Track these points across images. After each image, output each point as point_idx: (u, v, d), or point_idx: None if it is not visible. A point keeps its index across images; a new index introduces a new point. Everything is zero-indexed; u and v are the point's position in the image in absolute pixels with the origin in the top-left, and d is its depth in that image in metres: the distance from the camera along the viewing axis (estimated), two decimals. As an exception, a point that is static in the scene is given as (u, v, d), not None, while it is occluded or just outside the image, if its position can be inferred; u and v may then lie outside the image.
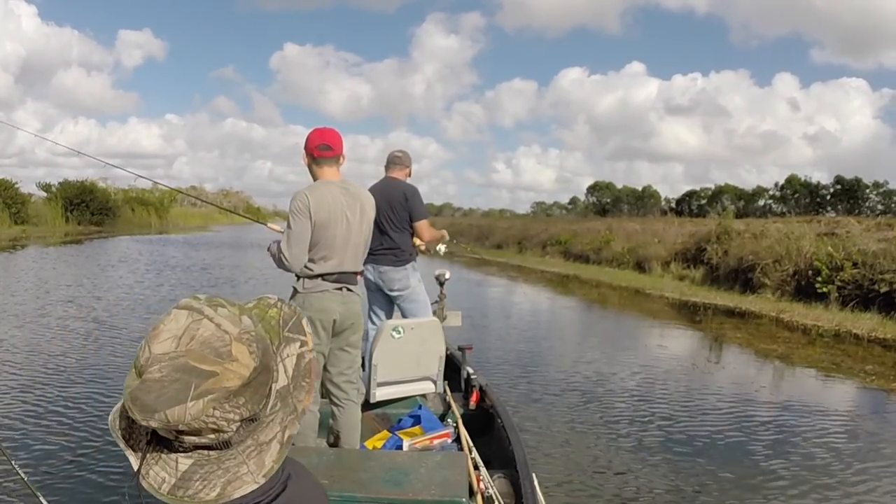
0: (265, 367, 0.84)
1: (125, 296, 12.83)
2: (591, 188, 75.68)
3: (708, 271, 18.14)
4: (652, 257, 20.11)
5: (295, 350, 0.91)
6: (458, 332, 5.80)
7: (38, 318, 9.94)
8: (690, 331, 12.10)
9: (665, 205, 67.67)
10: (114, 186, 51.80)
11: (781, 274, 15.41)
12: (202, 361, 0.79)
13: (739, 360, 9.49)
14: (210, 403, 0.79)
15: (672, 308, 14.58)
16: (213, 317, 0.82)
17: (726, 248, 18.00)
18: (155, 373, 0.79)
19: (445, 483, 2.68)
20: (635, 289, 17.29)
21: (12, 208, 33.67)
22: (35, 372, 6.92)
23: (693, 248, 19.32)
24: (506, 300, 16.04)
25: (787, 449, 5.46)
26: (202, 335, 0.81)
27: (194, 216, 58.31)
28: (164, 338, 0.81)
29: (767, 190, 67.72)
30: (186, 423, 0.79)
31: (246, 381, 0.81)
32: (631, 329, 12.49)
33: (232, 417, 0.81)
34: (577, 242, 25.05)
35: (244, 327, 0.84)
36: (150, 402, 0.78)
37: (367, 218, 3.69)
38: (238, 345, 0.81)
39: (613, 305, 15.70)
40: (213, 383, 0.79)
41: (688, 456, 5.24)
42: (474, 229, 38.05)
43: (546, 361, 8.79)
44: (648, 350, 10.06)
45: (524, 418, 5.86)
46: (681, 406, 6.70)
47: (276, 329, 0.90)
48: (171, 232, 42.24)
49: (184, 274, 17.20)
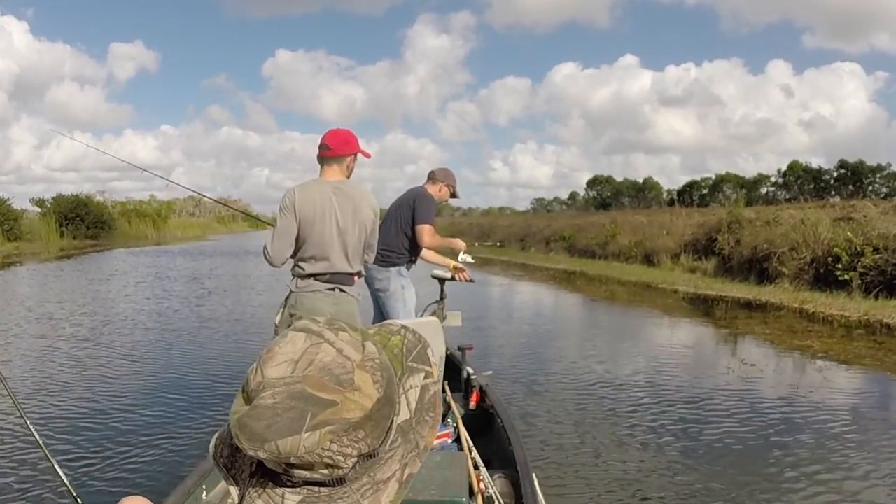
0: (388, 399, 0.76)
1: (107, 311, 12.21)
2: (591, 182, 75.04)
3: (720, 262, 17.48)
4: (660, 250, 19.41)
5: (419, 381, 0.82)
6: (458, 333, 5.69)
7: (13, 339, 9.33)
8: (707, 326, 11.43)
9: (667, 196, 67.23)
10: (111, 199, 51.47)
11: (798, 262, 14.77)
12: (321, 389, 0.71)
13: (764, 357, 8.78)
14: (327, 436, 0.71)
15: (685, 302, 13.91)
16: (334, 341, 0.74)
17: (738, 238, 17.36)
18: (267, 398, 0.72)
19: (445, 483, 2.67)
20: (645, 283, 16.65)
21: (4, 225, 33.11)
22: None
23: (703, 239, 18.66)
24: (511, 299, 15.41)
25: (831, 458, 4.80)
26: (322, 360, 0.73)
27: (192, 226, 57.99)
28: (278, 361, 0.73)
29: (769, 177, 67.17)
30: (299, 456, 0.71)
31: (368, 414, 0.73)
32: (642, 325, 11.79)
33: (349, 452, 0.73)
34: (581, 237, 24.37)
35: (368, 354, 0.75)
36: (260, 430, 0.71)
37: (362, 219, 3.69)
38: (361, 373, 0.73)
39: (623, 301, 15.01)
40: (331, 413, 0.71)
41: (700, 460, 4.87)
42: (475, 228, 37.54)
43: (552, 360, 8.14)
44: (661, 347, 9.37)
45: (536, 419, 5.68)
46: (697, 407, 6.13)
47: (400, 358, 0.82)
48: (168, 243, 41.77)
49: (175, 284, 16.57)
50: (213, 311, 12.09)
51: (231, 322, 10.95)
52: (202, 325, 10.68)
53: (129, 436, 5.22)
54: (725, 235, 17.66)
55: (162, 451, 4.91)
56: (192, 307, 12.68)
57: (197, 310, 12.39)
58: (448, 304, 5.39)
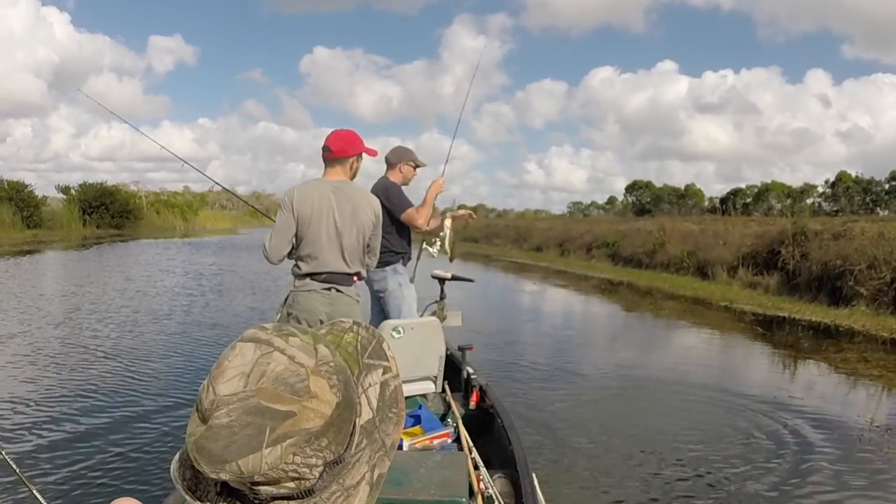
0: (348, 402, 0.74)
1: (97, 305, 11.20)
2: (630, 187, 72.98)
3: (783, 278, 15.84)
4: (715, 261, 17.77)
5: (378, 378, 0.80)
6: (458, 333, 5.60)
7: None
8: (777, 354, 9.91)
9: (708, 203, 65.39)
10: (145, 189, 51.09)
11: (877, 282, 13.15)
12: (276, 401, 0.69)
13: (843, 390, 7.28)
14: (289, 449, 0.68)
15: (748, 323, 12.35)
16: (284, 348, 0.71)
17: (804, 251, 15.73)
18: (222, 417, 0.68)
19: (445, 483, 2.68)
20: (700, 298, 15.09)
21: (24, 211, 32.47)
22: None
23: (764, 251, 16.99)
24: (551, 312, 13.99)
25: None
26: (274, 370, 0.70)
27: (223, 219, 57.47)
28: (229, 376, 0.70)
29: (816, 187, 64.86)
30: (263, 474, 0.68)
31: (329, 420, 0.71)
32: (708, 354, 10.30)
33: (314, 462, 0.70)
34: (626, 245, 22.74)
35: (321, 358, 0.73)
36: (219, 451, 0.68)
37: (360, 220, 3.74)
38: (316, 378, 0.71)
39: (684, 319, 13.45)
40: (290, 425, 0.68)
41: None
42: (511, 231, 36.17)
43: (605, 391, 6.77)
44: (722, 375, 7.90)
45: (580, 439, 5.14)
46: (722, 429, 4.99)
47: (355, 356, 0.80)
48: (196, 235, 41.08)
49: (181, 279, 15.49)
50: (211, 310, 11.09)
51: (236, 320, 9.72)
52: (194, 323, 9.55)
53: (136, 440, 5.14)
54: (790, 248, 16.04)
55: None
56: (186, 305, 11.70)
57: (189, 307, 11.56)
58: (449, 303, 5.29)
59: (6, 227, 29.99)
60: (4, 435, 5.02)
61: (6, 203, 31.47)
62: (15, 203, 32.00)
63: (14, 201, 32.05)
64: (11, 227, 30.57)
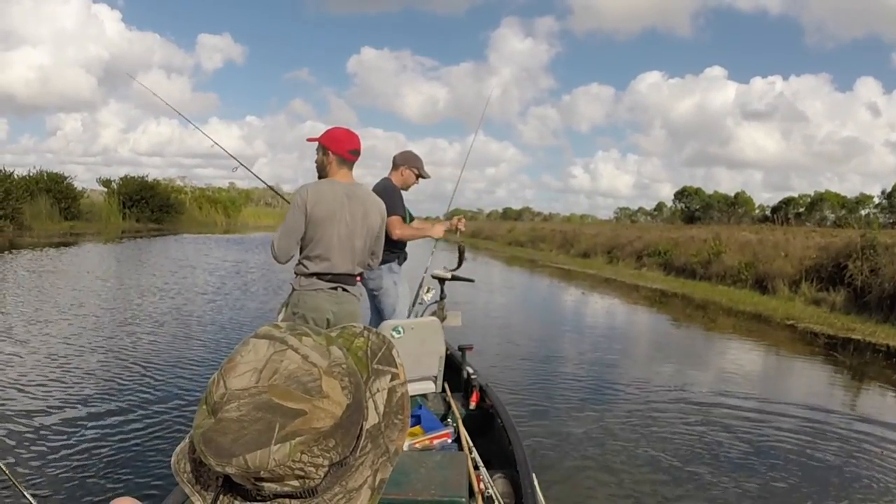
0: (357, 405, 0.73)
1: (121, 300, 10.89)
2: (679, 193, 71.45)
3: (851, 295, 14.86)
4: (776, 274, 16.81)
5: (386, 384, 0.80)
6: (458, 333, 5.60)
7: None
8: (862, 383, 9.10)
9: (759, 212, 63.76)
10: (191, 185, 51.44)
11: (959, 303, 12.19)
12: (288, 398, 0.68)
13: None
14: (298, 447, 0.68)
15: (819, 346, 11.48)
16: (298, 347, 0.71)
17: (873, 266, 14.75)
18: (232, 411, 0.68)
19: (445, 483, 2.68)
20: (760, 314, 14.21)
21: (62, 203, 32.68)
22: None
23: (829, 265, 16.00)
24: (602, 324, 13.30)
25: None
26: (287, 368, 0.69)
27: (267, 215, 57.64)
28: (241, 370, 0.70)
29: (872, 197, 62.79)
30: (269, 470, 0.68)
31: (338, 422, 0.70)
32: (775, 377, 9.53)
33: (320, 462, 0.70)
34: (679, 253, 21.82)
35: (334, 359, 0.73)
36: (226, 445, 0.67)
37: (370, 222, 3.77)
38: (329, 379, 0.71)
39: (747, 338, 12.62)
40: (300, 423, 0.68)
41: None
42: (557, 235, 35.35)
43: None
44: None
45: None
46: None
47: (365, 361, 0.80)
48: (237, 231, 41.18)
49: (214, 276, 15.14)
50: (226, 310, 10.75)
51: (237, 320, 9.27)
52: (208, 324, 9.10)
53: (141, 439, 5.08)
54: (858, 263, 15.06)
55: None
56: (196, 304, 11.37)
57: (198, 307, 11.18)
58: (449, 304, 5.28)
59: (42, 218, 30.25)
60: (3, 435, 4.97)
61: (44, 194, 31.75)
62: (53, 195, 32.27)
63: (52, 193, 32.33)
64: (49, 218, 30.86)
